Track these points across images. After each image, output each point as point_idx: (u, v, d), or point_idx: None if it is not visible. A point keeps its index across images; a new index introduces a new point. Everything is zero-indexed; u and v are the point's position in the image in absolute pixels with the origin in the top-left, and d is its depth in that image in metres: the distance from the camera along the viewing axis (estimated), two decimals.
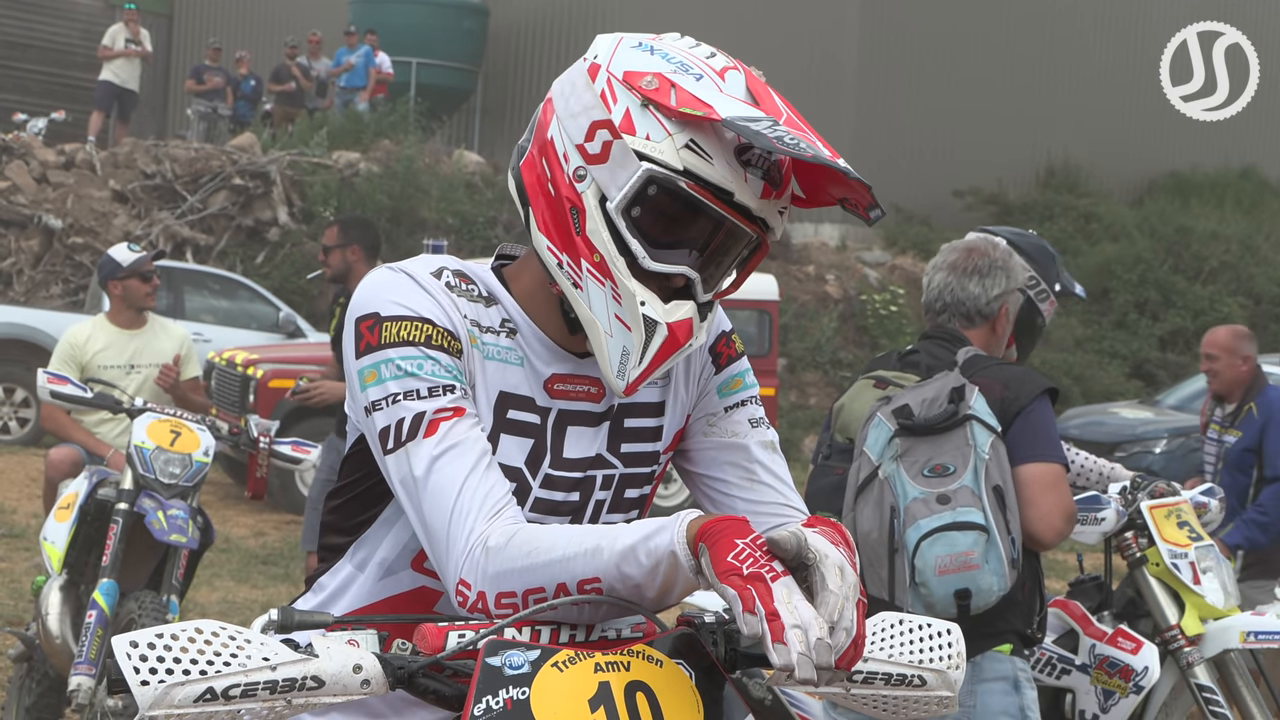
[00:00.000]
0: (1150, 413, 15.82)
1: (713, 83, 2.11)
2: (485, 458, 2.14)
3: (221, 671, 1.82)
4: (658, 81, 2.10)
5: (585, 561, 1.99)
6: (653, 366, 2.17)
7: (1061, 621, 5.19)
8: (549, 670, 1.95)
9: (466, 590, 2.07)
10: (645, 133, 2.09)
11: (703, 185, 2.08)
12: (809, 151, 1.98)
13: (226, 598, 9.29)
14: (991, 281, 4.37)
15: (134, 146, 20.61)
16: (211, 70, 23.33)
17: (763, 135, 1.99)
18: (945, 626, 2.25)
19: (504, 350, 2.25)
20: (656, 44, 2.18)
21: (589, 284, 2.16)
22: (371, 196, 20.14)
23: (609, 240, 2.13)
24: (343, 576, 2.36)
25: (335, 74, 23.56)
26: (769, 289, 15.20)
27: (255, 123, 22.82)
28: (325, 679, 1.88)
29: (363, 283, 2.24)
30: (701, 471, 2.41)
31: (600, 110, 2.13)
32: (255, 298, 16.78)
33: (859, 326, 21.43)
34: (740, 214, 2.11)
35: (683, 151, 2.07)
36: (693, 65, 2.13)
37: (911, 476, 4.02)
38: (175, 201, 19.74)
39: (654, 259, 2.13)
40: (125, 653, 1.80)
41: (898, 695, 2.20)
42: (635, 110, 2.10)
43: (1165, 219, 24.21)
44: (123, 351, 7.49)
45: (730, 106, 2.06)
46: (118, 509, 6.05)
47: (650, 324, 2.14)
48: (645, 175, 2.09)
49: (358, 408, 2.20)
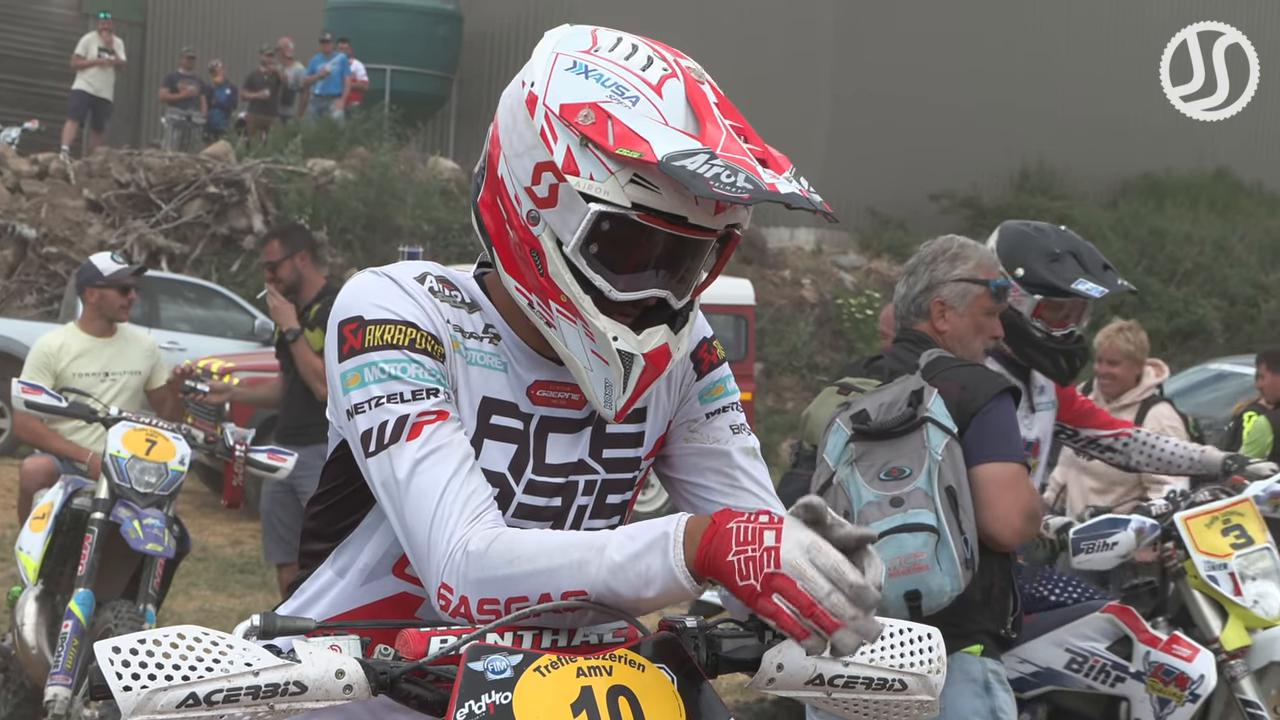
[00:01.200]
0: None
1: (650, 104, 2.08)
2: (468, 462, 2.15)
3: (204, 677, 1.82)
4: (594, 115, 2.07)
5: (571, 574, 2.00)
6: (637, 394, 2.20)
7: (1115, 628, 5.06)
8: (531, 675, 1.95)
9: (448, 595, 2.07)
10: (589, 173, 2.07)
11: (655, 215, 2.07)
12: (746, 191, 1.96)
13: (203, 607, 9.27)
14: (914, 279, 4.40)
15: (108, 155, 20.55)
16: (185, 79, 23.29)
17: (699, 179, 1.96)
18: (926, 631, 2.26)
19: (487, 356, 2.26)
20: (590, 62, 2.13)
21: (561, 323, 2.17)
22: (346, 204, 20.12)
23: (572, 282, 2.13)
24: (324, 582, 2.36)
25: (310, 81, 23.53)
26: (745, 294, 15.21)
27: (229, 131, 22.79)
28: (308, 684, 1.89)
29: (346, 286, 2.24)
30: (682, 477, 2.41)
31: (542, 150, 2.11)
32: (230, 306, 16.75)
33: (835, 330, 21.48)
34: (699, 230, 2.11)
35: (629, 187, 2.05)
36: (628, 87, 2.09)
37: (868, 480, 4.03)
38: (150, 210, 19.69)
39: (622, 289, 2.14)
40: (108, 658, 1.80)
41: (879, 699, 2.21)
42: (575, 149, 2.08)
43: (1139, 221, 24.31)
44: (96, 359, 7.44)
45: (666, 142, 2.02)
46: (93, 518, 6.04)
47: (627, 358, 2.16)
48: (595, 216, 2.08)
49: (340, 411, 2.20)
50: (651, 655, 2.04)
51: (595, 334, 2.15)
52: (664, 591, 1.96)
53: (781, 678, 2.14)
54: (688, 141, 2.03)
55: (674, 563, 1.94)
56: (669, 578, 1.94)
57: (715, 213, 2.08)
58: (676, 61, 2.15)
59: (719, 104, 2.12)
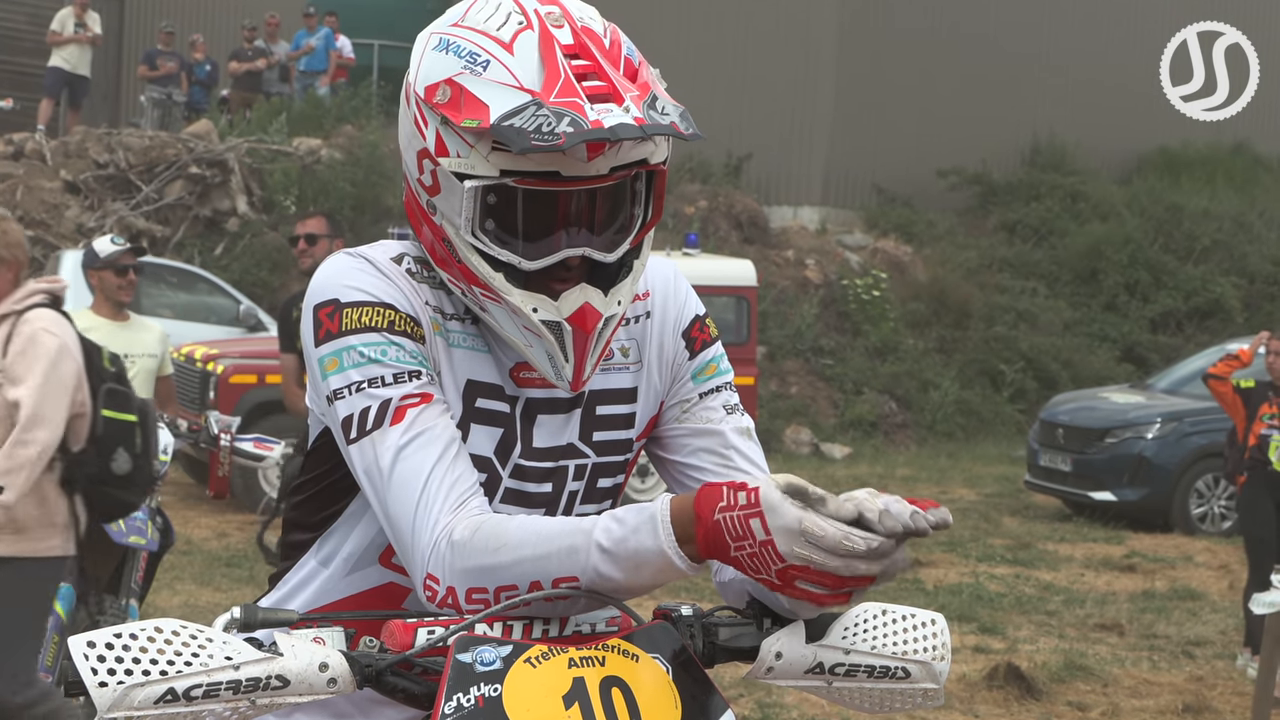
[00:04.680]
0: (1142, 397, 15.87)
1: (500, 65, 2.09)
2: (453, 446, 2.15)
3: (183, 672, 1.82)
4: (450, 91, 2.11)
5: (561, 560, 2.00)
6: (581, 359, 2.19)
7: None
8: (521, 666, 1.95)
9: (435, 585, 2.08)
10: (455, 151, 2.11)
11: (527, 177, 2.08)
12: (561, 135, 1.98)
13: (188, 601, 9.27)
14: None
15: (85, 135, 20.53)
16: (165, 55, 23.22)
17: (521, 134, 1.99)
18: (930, 616, 2.26)
19: (470, 338, 2.26)
20: (452, 35, 2.15)
21: (489, 306, 2.18)
22: (334, 184, 20.10)
23: (480, 263, 2.14)
24: (307, 573, 2.36)
25: (294, 57, 23.47)
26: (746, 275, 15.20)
27: (212, 109, 22.74)
28: (290, 678, 1.89)
29: (320, 269, 2.24)
30: (676, 459, 2.41)
31: (418, 138, 2.16)
32: (214, 290, 16.73)
33: (840, 312, 21.46)
34: (581, 181, 2.10)
35: (492, 156, 2.08)
36: (481, 52, 2.11)
37: None
38: (129, 192, 19.67)
39: (533, 256, 2.14)
40: (82, 653, 1.80)
41: (881, 688, 2.22)
42: (441, 130, 2.12)
43: (1155, 197, 24.28)
44: (115, 341, 7.26)
45: (502, 102, 2.04)
46: None
47: (553, 326, 2.16)
48: (474, 192, 2.10)
49: (320, 398, 2.20)
50: (646, 645, 2.04)
51: (516, 310, 2.15)
52: (658, 573, 1.97)
53: (780, 667, 2.14)
54: (520, 97, 2.05)
55: (665, 543, 1.95)
56: (661, 558, 1.95)
57: (589, 158, 2.07)
58: (536, 10, 2.14)
59: (572, 45, 2.11)
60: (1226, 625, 10.14)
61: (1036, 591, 11.22)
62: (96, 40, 22.36)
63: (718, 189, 22.33)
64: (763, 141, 22.99)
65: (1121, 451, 14.57)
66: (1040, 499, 15.68)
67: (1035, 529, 14.13)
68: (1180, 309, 22.80)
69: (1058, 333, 22.04)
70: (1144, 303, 22.88)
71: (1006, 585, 11.36)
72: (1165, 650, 9.54)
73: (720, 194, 22.25)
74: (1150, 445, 14.52)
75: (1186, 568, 12.45)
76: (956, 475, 17.39)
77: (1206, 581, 11.83)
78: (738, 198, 22.48)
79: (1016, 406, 20.80)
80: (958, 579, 11.44)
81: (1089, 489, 14.64)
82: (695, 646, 2.11)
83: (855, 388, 20.30)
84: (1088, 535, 13.91)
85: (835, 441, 18.95)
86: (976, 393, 20.84)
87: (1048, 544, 13.31)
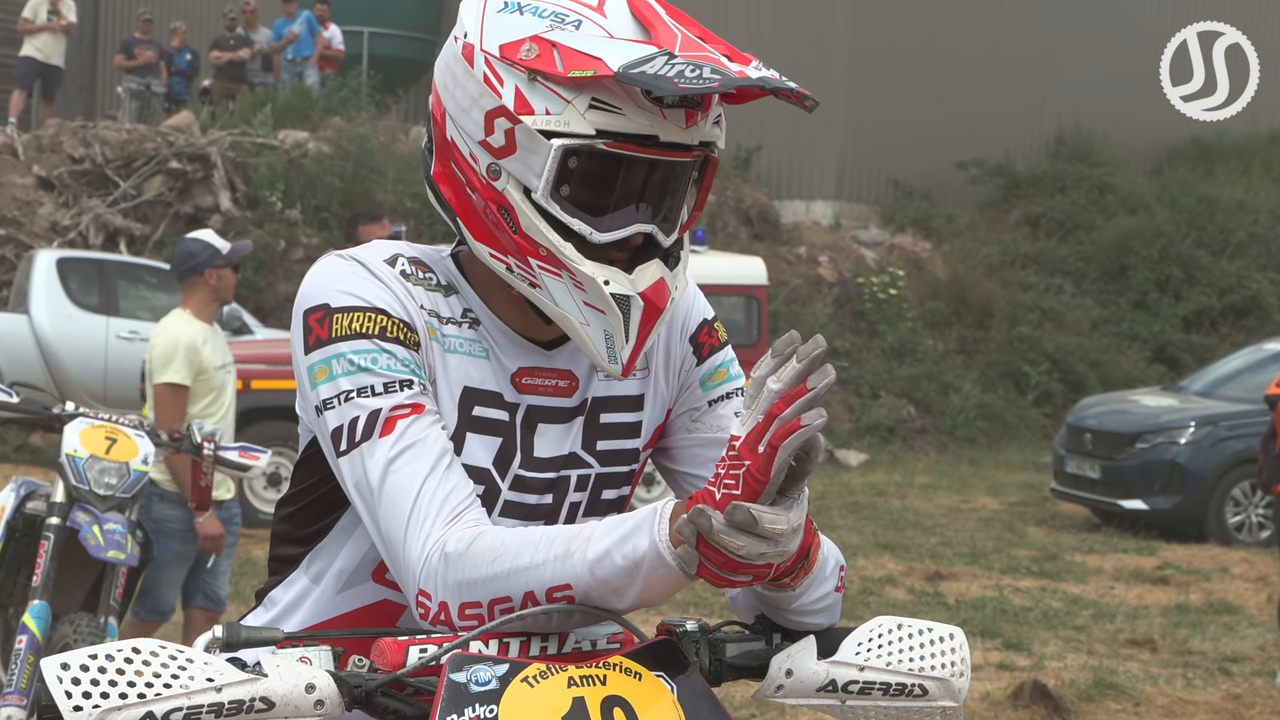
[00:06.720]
0: (1174, 400, 15.86)
1: (594, 24, 2.11)
2: (445, 457, 2.15)
3: (162, 694, 1.82)
4: (537, 47, 2.10)
5: (555, 567, 2.00)
6: (641, 340, 2.19)
7: None
8: (518, 686, 1.96)
9: (427, 602, 2.08)
10: (544, 108, 2.09)
11: (622, 139, 2.08)
12: (715, 80, 1.97)
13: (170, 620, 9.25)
14: None
15: (60, 128, 20.53)
16: (143, 44, 23.24)
17: (662, 79, 1.98)
18: (948, 631, 2.26)
19: (467, 342, 2.26)
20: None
21: (545, 280, 2.16)
22: (322, 179, 20.11)
23: (548, 230, 2.13)
24: (297, 590, 2.36)
25: (278, 48, 23.44)
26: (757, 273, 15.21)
27: (192, 101, 22.74)
28: (275, 700, 1.89)
29: (310, 272, 2.24)
30: (685, 470, 2.42)
31: (490, 98, 2.13)
32: None
33: (855, 312, 21.47)
34: (673, 150, 2.11)
35: (589, 113, 2.07)
36: (568, 12, 2.12)
37: None
38: (106, 188, 19.68)
39: (604, 229, 2.14)
40: (56, 675, 1.80)
41: (898, 706, 2.22)
42: (524, 87, 2.10)
43: (1187, 189, 24.28)
44: (218, 350, 7.19)
45: (619, 52, 2.05)
46: (49, 524, 6.04)
47: (623, 300, 2.15)
48: (560, 152, 2.09)
49: (308, 407, 2.20)
50: (649, 662, 2.04)
51: (584, 282, 2.14)
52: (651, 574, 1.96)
53: (791, 684, 2.15)
54: (643, 48, 2.05)
55: (657, 536, 1.94)
56: (656, 558, 1.95)
57: (686, 125, 2.09)
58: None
59: (669, 12, 2.14)
60: (1265, 641, 10.13)
61: (1064, 605, 11.21)
62: (71, 29, 22.37)
63: (726, 182, 22.33)
64: (773, 132, 22.99)
65: (1153, 458, 14.55)
66: (1067, 508, 15.67)
67: (1062, 539, 14.12)
68: (1214, 307, 22.79)
69: (1085, 332, 22.04)
70: (1176, 300, 22.88)
71: (1032, 599, 11.36)
72: (1200, 667, 9.52)
73: (729, 188, 22.25)
74: (1183, 451, 14.50)
75: (1222, 580, 12.44)
76: (979, 483, 17.39)
77: (1243, 594, 11.82)
78: (747, 191, 22.48)
79: (1042, 410, 20.80)
80: (980, 592, 11.44)
81: (1119, 497, 14.62)
82: (701, 664, 2.12)
83: (871, 391, 20.30)
84: (1118, 546, 13.90)
85: (850, 448, 18.95)
86: (999, 396, 20.84)
87: (1075, 555, 13.31)
